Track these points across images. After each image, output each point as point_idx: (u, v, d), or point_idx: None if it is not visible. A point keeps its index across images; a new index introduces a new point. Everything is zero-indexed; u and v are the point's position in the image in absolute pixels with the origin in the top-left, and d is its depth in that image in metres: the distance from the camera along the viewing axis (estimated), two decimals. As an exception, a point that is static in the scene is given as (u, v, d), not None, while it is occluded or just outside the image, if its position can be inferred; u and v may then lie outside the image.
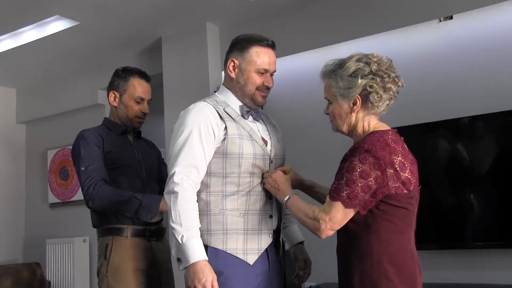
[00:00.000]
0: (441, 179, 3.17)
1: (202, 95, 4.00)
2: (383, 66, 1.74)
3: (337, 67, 1.78)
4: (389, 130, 1.75)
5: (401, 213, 1.68)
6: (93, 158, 2.30)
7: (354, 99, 1.74)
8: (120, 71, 2.50)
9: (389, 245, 1.65)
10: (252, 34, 2.03)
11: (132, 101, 2.44)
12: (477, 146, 3.09)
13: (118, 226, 2.29)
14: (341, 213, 1.64)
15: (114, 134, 2.45)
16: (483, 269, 3.06)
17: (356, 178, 1.62)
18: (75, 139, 2.40)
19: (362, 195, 1.62)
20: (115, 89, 2.47)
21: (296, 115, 3.78)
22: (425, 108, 3.30)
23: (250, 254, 1.92)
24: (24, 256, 5.39)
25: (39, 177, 5.44)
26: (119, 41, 4.35)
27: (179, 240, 1.77)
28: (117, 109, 2.48)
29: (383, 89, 1.72)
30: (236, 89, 2.02)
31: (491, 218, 3.04)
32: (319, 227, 1.66)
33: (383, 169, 1.62)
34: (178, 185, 1.83)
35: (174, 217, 1.80)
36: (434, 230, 3.14)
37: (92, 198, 2.23)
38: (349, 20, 3.59)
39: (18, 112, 5.56)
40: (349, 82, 1.73)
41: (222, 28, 4.15)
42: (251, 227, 1.93)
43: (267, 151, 1.99)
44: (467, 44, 3.24)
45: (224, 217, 1.90)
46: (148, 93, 2.50)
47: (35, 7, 3.65)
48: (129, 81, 2.45)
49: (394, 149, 1.67)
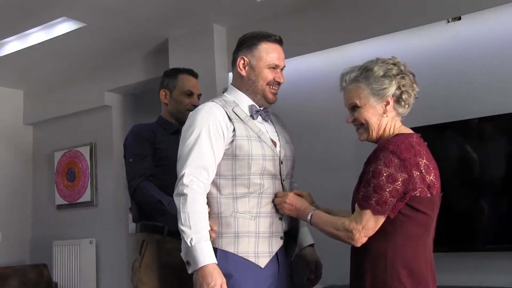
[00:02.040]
0: (450, 181, 3.13)
1: (208, 96, 4.00)
2: (405, 68, 1.77)
3: (364, 71, 1.77)
4: (413, 134, 1.75)
5: (421, 218, 1.66)
6: (143, 152, 2.39)
7: (387, 99, 1.74)
8: (168, 71, 2.69)
9: (403, 250, 1.64)
10: (259, 31, 2.06)
11: (182, 95, 2.58)
12: (487, 147, 3.06)
13: (157, 224, 2.33)
14: (373, 219, 1.63)
15: (166, 132, 2.54)
16: (493, 272, 3.03)
17: (384, 183, 1.61)
18: (128, 132, 2.54)
19: (391, 200, 1.61)
20: (165, 87, 2.62)
21: (304, 116, 3.76)
22: (433, 110, 3.27)
23: (261, 257, 1.90)
24: (31, 257, 5.40)
25: (46, 178, 5.46)
26: (126, 42, 4.36)
27: (188, 243, 1.76)
28: (169, 106, 2.61)
29: (411, 88, 1.75)
30: (248, 86, 2.01)
31: (502, 221, 3.00)
32: (353, 237, 1.65)
33: (409, 170, 1.61)
34: (188, 187, 1.82)
35: (183, 220, 1.79)
36: (444, 232, 3.10)
37: (134, 189, 2.29)
38: (356, 22, 3.57)
39: (25, 114, 5.58)
40: (383, 83, 1.73)
41: (229, 29, 4.15)
42: (263, 230, 1.91)
43: (276, 152, 1.98)
44: (476, 45, 3.21)
45: (236, 220, 1.89)
46: (196, 87, 2.64)
47: (42, 9, 3.66)
48: (177, 77, 2.61)
49: (419, 151, 1.66)
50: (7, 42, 4.36)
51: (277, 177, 1.98)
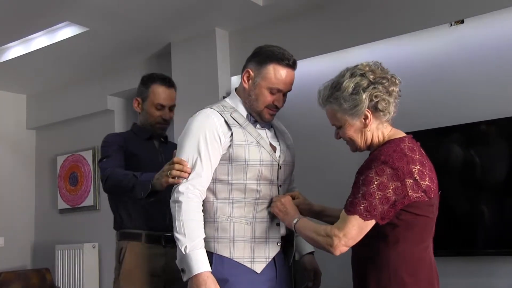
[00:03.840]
0: (452, 184, 3.13)
1: (211, 100, 3.99)
2: (377, 73, 1.70)
3: (334, 90, 1.73)
4: (405, 137, 1.72)
5: (422, 221, 1.64)
6: (113, 153, 2.36)
7: (365, 114, 1.70)
8: (145, 78, 2.54)
9: (407, 255, 1.62)
10: (275, 50, 1.97)
11: (153, 107, 2.46)
12: (489, 151, 3.05)
13: (134, 231, 2.33)
14: (356, 228, 1.59)
15: (140, 138, 2.49)
16: (494, 276, 3.01)
17: (374, 191, 1.58)
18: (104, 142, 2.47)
19: (381, 207, 1.58)
20: (138, 96, 2.51)
21: (306, 121, 3.76)
22: (435, 113, 3.26)
23: (257, 263, 1.89)
24: (33, 261, 5.40)
25: (49, 183, 5.46)
26: (128, 47, 4.36)
27: (183, 251, 1.76)
28: (140, 116, 2.52)
29: (387, 94, 1.69)
30: (246, 100, 2.00)
31: (503, 225, 2.99)
32: (332, 243, 1.60)
33: (401, 179, 1.58)
34: (183, 195, 1.82)
35: (178, 227, 1.79)
36: (445, 236, 3.10)
37: (106, 178, 2.26)
38: (358, 25, 3.57)
39: (28, 118, 5.59)
40: (353, 100, 1.69)
41: (231, 33, 4.15)
42: (259, 235, 1.91)
43: (275, 157, 1.97)
44: (478, 48, 3.21)
45: (232, 224, 1.88)
46: (169, 99, 2.49)
47: (45, 14, 3.66)
48: (150, 87, 2.47)
49: (412, 158, 1.63)
50: (10, 47, 4.37)
51: (274, 182, 1.97)
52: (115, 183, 2.21)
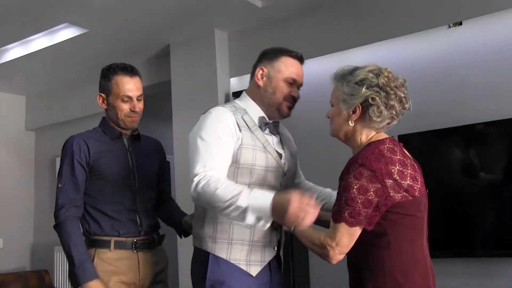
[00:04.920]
0: (452, 185, 3.13)
1: (210, 101, 4.02)
2: (393, 83, 1.68)
3: (348, 72, 1.74)
4: (385, 139, 1.70)
5: (410, 221, 1.64)
6: (71, 176, 2.16)
7: (354, 107, 1.70)
8: (105, 70, 2.30)
9: (400, 256, 1.62)
10: (282, 47, 2.04)
11: (119, 101, 2.22)
12: (488, 152, 3.06)
13: (102, 238, 2.17)
14: (346, 235, 1.60)
15: (108, 138, 2.28)
16: (494, 277, 3.02)
17: (355, 195, 1.58)
18: (64, 144, 2.27)
19: (365, 211, 1.58)
20: (101, 91, 2.28)
21: (306, 121, 3.76)
22: (434, 115, 3.27)
23: (253, 266, 1.89)
24: (32, 263, 5.40)
25: (48, 184, 5.45)
26: (127, 48, 4.37)
27: (245, 202, 1.62)
28: (107, 112, 2.29)
29: (385, 104, 1.66)
30: (263, 97, 1.98)
31: (502, 226, 3.00)
32: (327, 254, 1.61)
33: (381, 180, 1.58)
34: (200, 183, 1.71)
35: (222, 196, 1.66)
36: (445, 238, 3.10)
37: (58, 223, 2.13)
38: (357, 27, 3.58)
39: (27, 120, 5.59)
40: (353, 89, 1.69)
41: (231, 34, 4.16)
42: (257, 239, 1.90)
43: (281, 164, 1.96)
44: (477, 50, 3.21)
45: (231, 226, 1.88)
46: (135, 89, 2.25)
47: (44, 15, 3.67)
48: (112, 80, 2.24)
49: (390, 159, 1.62)
50: (10, 49, 4.38)
51: (277, 188, 1.95)
52: (60, 239, 2.14)
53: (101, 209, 2.18)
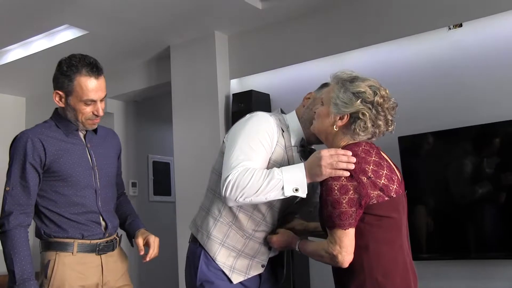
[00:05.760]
0: (447, 187, 3.14)
1: (210, 103, 4.02)
2: (386, 104, 1.71)
3: (349, 79, 1.75)
4: (361, 142, 1.73)
5: (387, 222, 1.66)
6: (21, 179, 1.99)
7: (342, 115, 1.72)
8: (65, 67, 2.10)
9: (379, 257, 1.64)
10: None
11: (81, 104, 2.03)
12: (485, 154, 3.06)
13: (64, 240, 2.03)
14: (345, 237, 1.63)
15: (62, 133, 2.09)
16: (488, 280, 3.02)
17: (338, 196, 1.62)
18: (14, 141, 2.08)
19: (352, 210, 1.61)
20: (59, 89, 2.07)
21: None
22: (433, 117, 3.27)
23: (236, 274, 1.91)
24: (32, 264, 5.38)
25: (48, 185, 5.44)
26: (127, 50, 4.37)
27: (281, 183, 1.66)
28: (65, 111, 2.09)
29: (372, 122, 1.70)
30: (307, 122, 1.94)
31: (496, 229, 3.00)
32: (337, 260, 1.64)
33: (357, 177, 1.62)
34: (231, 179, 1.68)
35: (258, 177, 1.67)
36: (439, 240, 3.10)
37: (1, 231, 1.99)
38: (357, 29, 3.58)
39: (27, 121, 5.59)
40: (348, 99, 1.71)
41: (231, 36, 4.16)
42: (247, 251, 1.92)
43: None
44: (477, 52, 3.22)
45: (229, 229, 1.89)
46: (100, 90, 2.06)
47: (44, 17, 3.67)
48: (74, 80, 2.03)
49: (364, 159, 1.66)
50: (10, 50, 4.38)
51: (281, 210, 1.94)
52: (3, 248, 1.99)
53: (60, 212, 2.04)
